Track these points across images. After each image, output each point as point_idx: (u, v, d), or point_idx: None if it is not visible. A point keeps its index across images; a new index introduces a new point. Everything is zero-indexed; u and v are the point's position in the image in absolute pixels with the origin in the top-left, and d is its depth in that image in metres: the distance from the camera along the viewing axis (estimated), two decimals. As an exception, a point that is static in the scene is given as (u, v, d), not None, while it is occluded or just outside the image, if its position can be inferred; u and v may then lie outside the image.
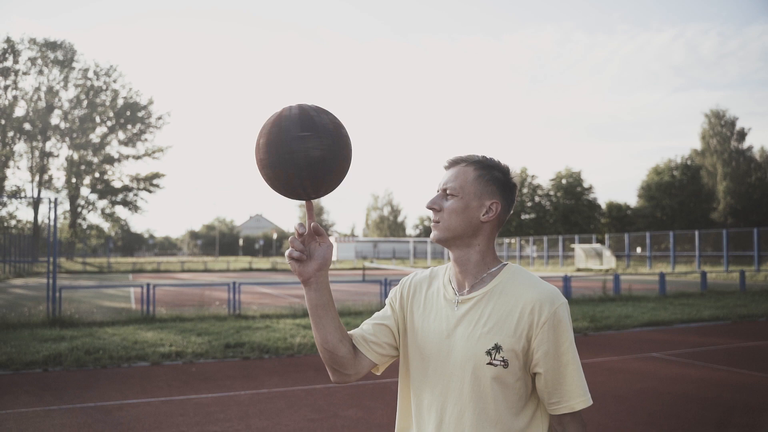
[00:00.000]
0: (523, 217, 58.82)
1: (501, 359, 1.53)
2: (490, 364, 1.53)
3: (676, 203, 55.98)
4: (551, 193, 59.79)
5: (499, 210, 1.64)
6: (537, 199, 59.97)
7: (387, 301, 1.81)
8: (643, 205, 58.15)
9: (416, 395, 1.67)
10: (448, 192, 1.64)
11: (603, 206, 59.73)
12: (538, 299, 1.54)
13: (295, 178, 1.46)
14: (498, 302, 1.58)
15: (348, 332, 1.72)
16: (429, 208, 1.66)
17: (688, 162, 58.48)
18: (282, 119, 1.47)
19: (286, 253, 1.55)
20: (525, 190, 59.13)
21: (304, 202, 1.56)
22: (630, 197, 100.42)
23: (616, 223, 57.97)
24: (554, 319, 1.53)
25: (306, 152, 1.44)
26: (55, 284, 12.63)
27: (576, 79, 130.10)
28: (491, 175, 1.64)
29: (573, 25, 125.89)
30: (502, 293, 1.59)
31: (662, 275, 18.84)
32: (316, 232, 1.56)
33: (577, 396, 1.54)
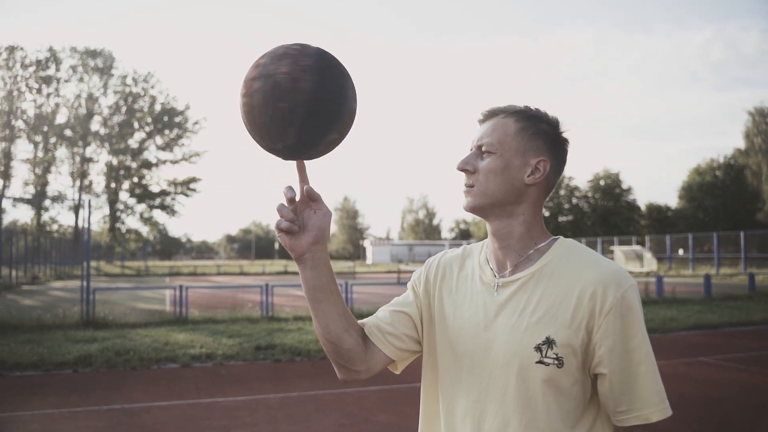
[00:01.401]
0: (560, 219, 57.85)
1: (554, 356, 1.22)
2: (540, 362, 1.22)
3: (719, 204, 54.44)
4: (589, 194, 58.77)
5: (548, 170, 1.33)
6: (575, 200, 58.98)
7: (409, 284, 1.51)
8: (685, 206, 56.71)
9: (446, 401, 1.36)
10: (484, 149, 1.33)
11: (642, 208, 58.45)
12: (601, 280, 1.23)
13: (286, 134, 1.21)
14: (549, 285, 1.27)
15: (359, 321, 1.44)
16: (460, 169, 1.35)
17: (731, 162, 56.83)
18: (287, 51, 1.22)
19: (275, 223, 1.28)
20: (562, 192, 58.23)
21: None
22: (670, 198, 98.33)
23: (657, 225, 56.62)
24: (622, 305, 1.21)
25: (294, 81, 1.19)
26: (89, 286, 12.64)
27: (613, 79, 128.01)
28: (537, 128, 1.33)
29: (610, 24, 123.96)
30: (554, 274, 1.28)
31: (707, 277, 18.14)
32: (309, 197, 1.29)
33: (652, 404, 1.21)
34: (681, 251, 41.52)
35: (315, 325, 1.37)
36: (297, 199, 1.30)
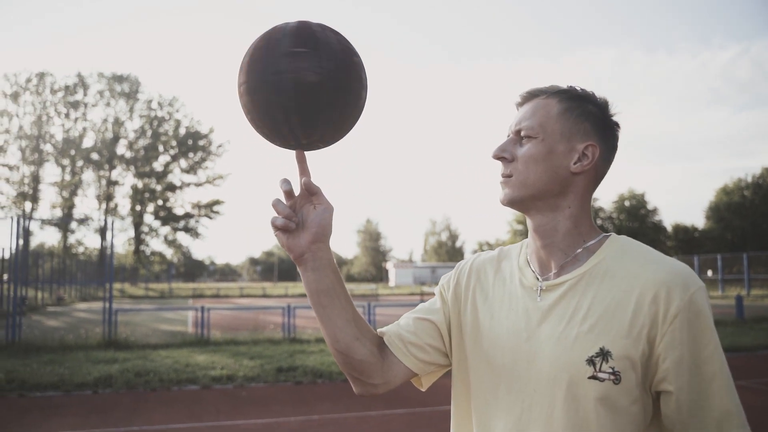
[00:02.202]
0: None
1: (610, 371, 1.04)
2: (593, 377, 1.05)
3: (747, 224, 53.40)
4: (614, 215, 58.11)
5: (597, 156, 1.16)
6: (599, 222, 58.31)
7: (437, 289, 1.34)
8: (712, 226, 55.74)
9: (482, 422, 1.19)
10: (523, 133, 1.17)
11: (669, 228, 57.58)
12: (665, 281, 1.05)
13: (278, 109, 1.09)
14: (602, 287, 1.10)
15: (379, 330, 1.29)
16: (496, 157, 1.19)
17: (760, 181, 55.85)
18: (274, 32, 1.11)
19: (270, 220, 1.15)
20: (586, 213, 57.66)
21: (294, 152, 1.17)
22: (697, 219, 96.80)
23: (684, 246, 55.66)
24: (690, 309, 1.04)
25: (297, 74, 1.07)
26: (111, 307, 12.64)
27: (636, 99, 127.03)
28: (583, 109, 1.17)
29: (631, 44, 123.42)
30: (607, 274, 1.11)
31: (739, 298, 17.65)
32: (308, 190, 1.16)
33: (729, 427, 1.03)
34: (710, 272, 40.70)
35: (323, 333, 1.23)
36: (297, 193, 1.18)
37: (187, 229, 62.34)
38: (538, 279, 1.18)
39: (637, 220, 56.66)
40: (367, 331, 1.24)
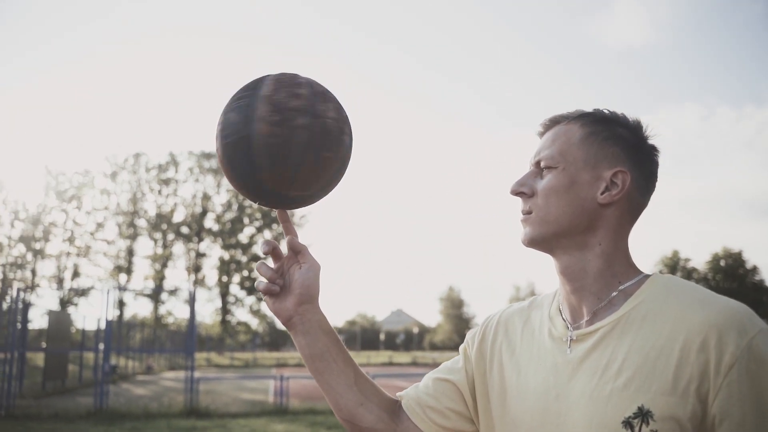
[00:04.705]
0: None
1: None
2: None
3: None
4: (709, 276, 55.22)
5: (629, 184, 1.01)
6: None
7: (461, 346, 1.22)
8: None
9: None
10: (543, 164, 1.05)
11: (772, 289, 54.01)
12: (715, 324, 0.88)
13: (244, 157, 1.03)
14: (640, 334, 0.94)
15: (398, 393, 1.17)
16: (514, 193, 1.07)
17: None
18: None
19: (255, 284, 1.10)
20: (679, 275, 55.08)
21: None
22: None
23: (790, 307, 51.93)
24: (750, 358, 0.86)
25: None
26: (193, 376, 12.85)
27: (725, 155, 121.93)
28: (610, 132, 1.04)
29: (716, 99, 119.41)
30: (647, 319, 0.95)
31: None
32: (292, 249, 1.10)
33: None
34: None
35: (326, 398, 1.13)
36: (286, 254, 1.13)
37: (271, 299, 63.53)
38: (569, 328, 1.03)
39: (735, 281, 53.54)
40: (373, 395, 1.13)
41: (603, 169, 1.02)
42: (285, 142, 1.00)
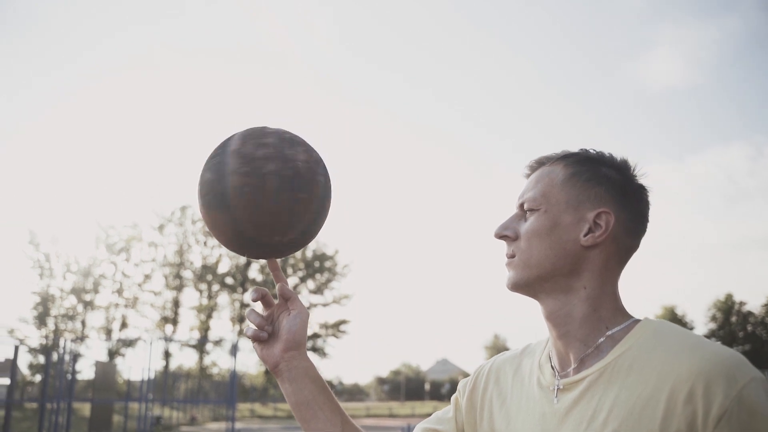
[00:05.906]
0: (735, 348, 52.30)
1: None
2: None
3: None
4: (767, 320, 53.06)
5: (613, 225, 0.98)
6: (750, 328, 53.43)
7: (453, 396, 1.19)
8: None
9: None
10: (526, 206, 1.04)
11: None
12: (702, 372, 0.84)
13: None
14: (626, 384, 0.90)
15: None
16: (498, 236, 1.06)
17: None
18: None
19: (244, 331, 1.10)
20: (734, 319, 53.09)
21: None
22: None
23: None
24: (741, 408, 0.81)
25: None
26: (234, 427, 12.82)
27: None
28: (594, 172, 1.02)
29: (764, 138, 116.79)
30: (634, 367, 0.91)
31: None
32: (282, 296, 1.12)
33: None
34: None
35: None
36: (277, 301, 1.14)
37: (314, 349, 63.35)
38: (556, 376, 1.00)
39: (793, 325, 51.31)
40: None
41: (586, 210, 1.00)
42: (257, 190, 1.03)
